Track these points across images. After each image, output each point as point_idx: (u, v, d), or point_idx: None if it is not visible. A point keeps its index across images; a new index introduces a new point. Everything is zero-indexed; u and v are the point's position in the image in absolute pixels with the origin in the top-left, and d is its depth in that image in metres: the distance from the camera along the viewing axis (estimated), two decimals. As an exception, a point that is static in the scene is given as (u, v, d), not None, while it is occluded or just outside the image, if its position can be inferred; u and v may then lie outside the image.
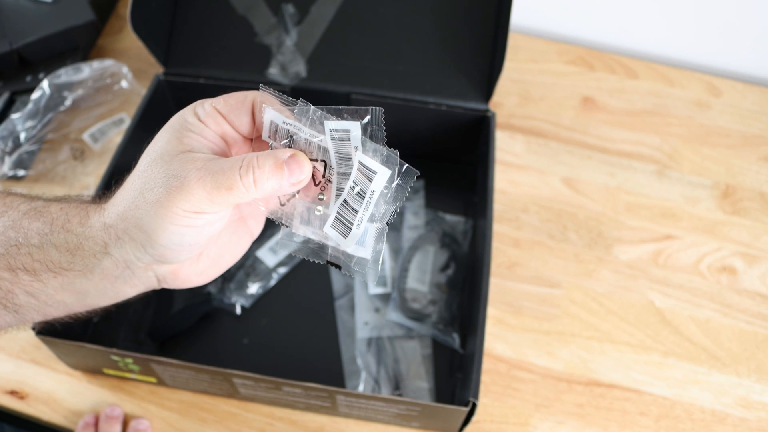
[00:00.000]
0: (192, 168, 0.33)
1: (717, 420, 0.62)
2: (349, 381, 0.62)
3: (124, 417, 0.59)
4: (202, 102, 0.36)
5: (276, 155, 0.34)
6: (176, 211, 0.33)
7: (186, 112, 0.36)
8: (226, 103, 0.36)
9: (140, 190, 0.34)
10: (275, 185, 0.34)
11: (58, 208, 0.37)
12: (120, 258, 0.36)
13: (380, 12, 0.71)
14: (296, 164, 0.34)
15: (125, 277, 0.37)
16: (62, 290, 0.37)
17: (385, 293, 0.67)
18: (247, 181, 0.33)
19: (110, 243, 0.35)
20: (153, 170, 0.34)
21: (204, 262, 0.39)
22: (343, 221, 0.35)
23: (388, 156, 0.33)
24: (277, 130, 0.35)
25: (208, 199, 0.33)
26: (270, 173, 0.33)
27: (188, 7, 0.71)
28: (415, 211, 0.71)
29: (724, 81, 0.85)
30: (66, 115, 0.77)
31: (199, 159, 0.34)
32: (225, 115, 0.36)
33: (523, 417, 0.62)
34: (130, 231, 0.35)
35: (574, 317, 0.67)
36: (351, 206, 0.34)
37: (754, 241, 0.73)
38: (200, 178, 0.33)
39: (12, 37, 0.77)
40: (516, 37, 0.88)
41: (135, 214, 0.34)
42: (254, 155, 0.34)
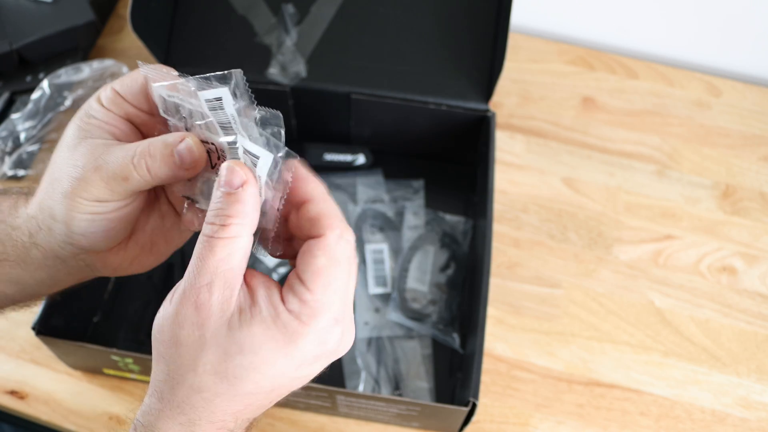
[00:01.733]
0: (90, 157, 0.33)
1: (717, 420, 0.62)
2: (349, 381, 0.62)
3: None
4: (105, 86, 0.36)
5: (166, 141, 0.33)
6: (80, 201, 0.33)
7: (91, 99, 0.36)
8: (122, 84, 0.35)
9: (50, 181, 0.35)
10: (168, 172, 0.33)
11: None
12: (47, 247, 0.36)
13: (380, 12, 0.71)
14: (186, 150, 0.33)
15: (57, 266, 0.37)
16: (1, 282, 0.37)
17: (385, 293, 0.67)
18: (141, 170, 0.33)
19: (34, 233, 0.36)
20: (61, 160, 0.35)
21: (133, 249, 0.38)
22: None
23: (268, 139, 0.33)
24: (166, 105, 0.35)
25: (107, 189, 0.33)
26: (161, 162, 0.33)
27: (188, 7, 0.71)
28: (415, 211, 0.71)
29: (724, 81, 0.85)
30: (66, 116, 0.77)
31: (98, 147, 0.34)
32: (124, 97, 0.35)
33: (523, 417, 0.62)
34: (47, 221, 0.35)
35: (574, 317, 0.67)
36: None
37: (755, 241, 0.73)
38: (97, 168, 0.33)
39: (12, 37, 0.77)
40: (516, 37, 0.88)
41: (48, 204, 0.35)
42: (146, 142, 0.33)
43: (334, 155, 0.75)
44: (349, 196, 0.73)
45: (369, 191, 0.73)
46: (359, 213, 0.71)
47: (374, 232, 0.70)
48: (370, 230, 0.71)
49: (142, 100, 0.36)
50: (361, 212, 0.71)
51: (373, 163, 0.75)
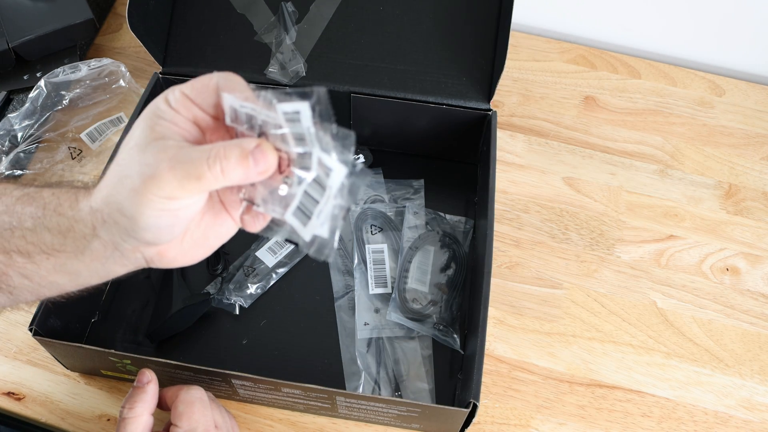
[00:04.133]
0: (164, 157, 0.35)
1: (720, 422, 0.62)
2: (349, 382, 0.62)
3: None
4: (173, 88, 0.37)
5: (242, 145, 0.35)
6: (151, 198, 0.34)
7: (158, 100, 0.37)
8: (192, 88, 0.37)
9: (119, 178, 0.36)
10: (242, 174, 0.35)
11: (50, 193, 0.39)
12: (108, 240, 0.37)
13: (380, 11, 0.70)
14: (261, 154, 0.35)
15: (115, 258, 0.39)
16: (55, 271, 0.39)
17: (385, 293, 0.66)
18: (214, 171, 0.34)
19: (98, 226, 0.37)
20: (130, 159, 0.36)
21: (188, 243, 0.40)
22: (304, 211, 0.36)
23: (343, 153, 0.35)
24: (237, 114, 0.36)
25: (179, 187, 0.34)
26: (236, 163, 0.34)
27: (186, 5, 0.71)
28: (415, 211, 0.70)
29: (727, 80, 0.85)
30: (63, 114, 0.77)
31: (171, 147, 0.35)
32: (193, 100, 0.37)
33: (525, 418, 0.61)
34: (113, 215, 0.36)
35: (576, 318, 0.67)
36: (312, 197, 0.36)
37: (758, 242, 0.72)
38: (171, 167, 0.34)
39: (9, 35, 0.76)
40: (517, 36, 0.88)
41: (116, 199, 0.36)
42: (221, 145, 0.35)
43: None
44: (348, 195, 0.73)
45: (369, 191, 0.73)
46: (359, 213, 0.70)
47: (374, 232, 0.70)
48: (370, 230, 0.70)
49: (210, 105, 0.37)
50: (361, 212, 0.70)
51: (373, 162, 0.75)
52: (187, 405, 0.50)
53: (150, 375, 0.50)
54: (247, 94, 0.36)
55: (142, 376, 0.50)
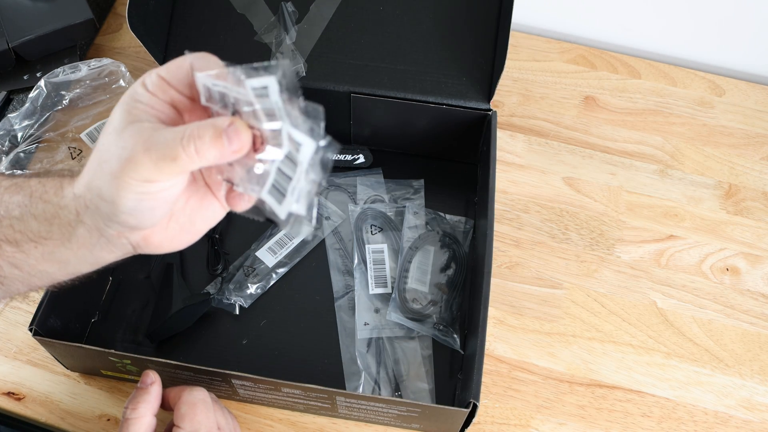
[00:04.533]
0: (139, 140, 0.35)
1: (720, 422, 0.62)
2: (349, 382, 0.62)
3: None
4: (150, 72, 0.38)
5: (215, 124, 0.35)
6: (128, 181, 0.35)
7: (136, 84, 0.37)
8: (168, 71, 0.37)
9: (99, 162, 0.36)
10: (216, 154, 0.35)
11: (36, 181, 0.40)
12: (93, 225, 0.38)
13: (380, 10, 0.70)
14: (235, 133, 0.35)
15: (101, 245, 0.39)
16: (44, 260, 0.40)
17: (385, 293, 0.66)
18: (189, 152, 0.34)
19: (81, 212, 0.38)
20: (108, 143, 0.36)
21: (174, 228, 0.40)
22: (278, 189, 0.36)
23: (312, 128, 0.35)
24: (210, 94, 0.36)
25: (155, 169, 0.34)
26: (210, 143, 0.34)
27: (186, 5, 0.71)
28: (415, 211, 0.70)
29: (727, 80, 0.85)
30: (63, 114, 0.77)
31: (146, 129, 0.35)
32: (169, 82, 0.37)
33: (525, 418, 0.61)
34: (94, 200, 0.37)
35: (576, 318, 0.67)
36: (285, 174, 0.36)
37: (758, 242, 0.72)
38: (146, 149, 0.34)
39: (9, 35, 0.76)
40: (517, 36, 0.88)
41: (96, 184, 0.36)
42: (195, 125, 0.35)
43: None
44: (349, 196, 0.73)
45: (369, 191, 0.73)
46: (359, 213, 0.70)
47: (374, 232, 0.70)
48: (370, 230, 0.70)
49: (186, 86, 0.38)
50: (361, 212, 0.70)
51: (373, 162, 0.75)
52: (189, 406, 0.50)
53: (153, 376, 0.51)
54: (221, 72, 0.36)
55: (146, 377, 0.51)
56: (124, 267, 0.68)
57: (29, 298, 0.66)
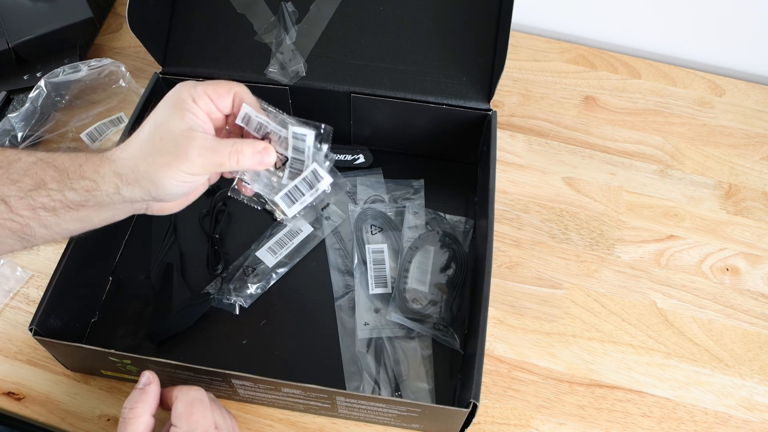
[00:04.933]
0: (194, 145, 0.47)
1: (720, 422, 0.62)
2: (349, 382, 0.62)
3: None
4: (194, 85, 0.49)
5: (255, 146, 0.49)
6: (180, 173, 0.46)
7: (182, 93, 0.48)
8: (215, 90, 0.49)
9: (151, 154, 0.46)
10: (251, 166, 0.49)
11: (66, 158, 0.48)
12: (127, 196, 0.47)
13: (380, 10, 0.70)
14: (267, 155, 0.49)
15: (124, 209, 0.50)
16: (73, 221, 0.48)
17: (385, 293, 0.66)
18: (233, 161, 0.48)
19: (122, 186, 0.47)
20: (161, 141, 0.47)
21: (180, 199, 0.53)
22: (291, 198, 0.53)
23: (331, 169, 0.52)
24: (249, 120, 0.51)
25: (202, 169, 0.47)
26: (249, 158, 0.48)
27: (186, 5, 0.71)
28: (415, 211, 0.70)
29: (727, 80, 0.85)
30: (63, 114, 0.77)
31: (199, 138, 0.47)
32: (213, 99, 0.49)
33: (525, 418, 0.61)
34: (140, 181, 0.47)
35: (576, 318, 0.67)
36: (300, 190, 0.52)
37: (758, 242, 0.72)
38: (200, 154, 0.47)
39: (9, 35, 0.76)
40: (517, 36, 0.88)
41: (147, 170, 0.46)
42: (240, 143, 0.48)
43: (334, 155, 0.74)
44: (349, 196, 0.73)
45: (369, 191, 0.73)
46: (359, 213, 0.70)
47: (374, 232, 0.70)
48: (370, 230, 0.70)
49: (226, 105, 0.50)
50: (361, 212, 0.70)
51: (373, 162, 0.75)
52: (186, 405, 0.50)
53: (151, 376, 0.51)
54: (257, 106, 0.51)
55: (144, 377, 0.51)
56: (124, 267, 0.68)
57: (29, 298, 0.66)
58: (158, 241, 0.69)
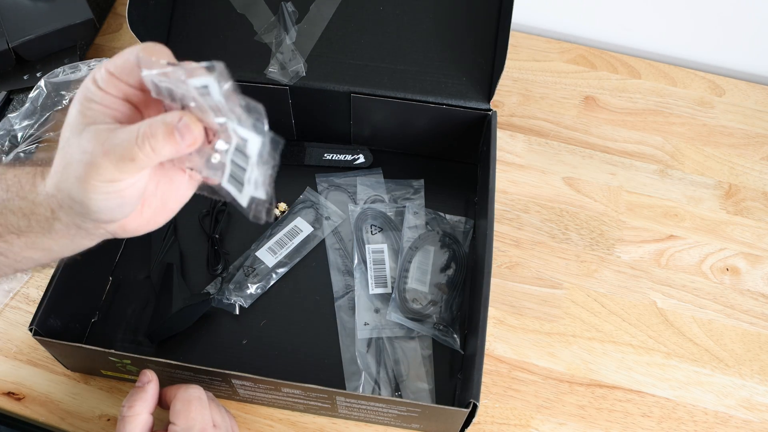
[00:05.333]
0: (98, 143, 0.36)
1: (720, 422, 0.62)
2: (349, 382, 0.62)
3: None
4: (99, 67, 0.38)
5: (166, 121, 0.35)
6: (94, 184, 0.36)
7: (87, 81, 0.38)
8: (116, 66, 0.37)
9: (64, 165, 0.37)
10: (172, 149, 0.36)
11: (12, 174, 0.41)
12: (68, 221, 0.39)
13: (380, 11, 0.70)
14: (186, 128, 0.35)
15: (81, 235, 0.41)
16: (27, 248, 0.41)
17: (385, 293, 0.66)
18: (146, 151, 0.35)
19: (55, 209, 0.39)
20: (69, 145, 0.37)
21: (148, 212, 0.41)
22: (236, 178, 0.38)
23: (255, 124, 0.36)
24: (159, 89, 0.37)
25: (117, 171, 0.35)
26: (163, 140, 0.35)
27: (187, 5, 0.71)
28: (415, 211, 0.70)
29: (727, 80, 0.85)
30: (63, 114, 0.76)
31: (103, 132, 0.36)
32: (119, 77, 0.37)
33: (525, 418, 0.61)
34: (66, 201, 0.38)
35: (576, 318, 0.67)
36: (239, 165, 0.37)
37: (758, 242, 0.72)
38: (105, 153, 0.35)
39: (9, 35, 0.76)
40: (517, 36, 0.88)
41: (65, 186, 0.37)
42: (147, 123, 0.35)
43: (333, 155, 0.75)
44: (349, 196, 0.73)
45: (369, 191, 0.73)
46: (359, 213, 0.70)
47: (374, 232, 0.70)
48: (370, 230, 0.70)
49: (136, 80, 0.37)
50: (361, 212, 0.70)
51: (373, 162, 0.75)
52: (184, 403, 0.50)
53: (150, 375, 0.51)
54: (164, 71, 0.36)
55: (143, 376, 0.51)
56: (124, 267, 0.68)
57: (29, 298, 0.66)
58: (158, 241, 0.69)
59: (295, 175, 0.73)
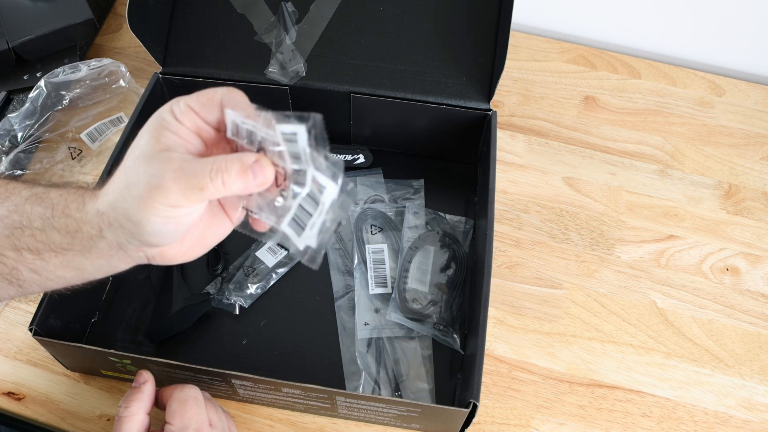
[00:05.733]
0: (169, 168, 0.37)
1: (720, 422, 0.62)
2: (349, 382, 0.62)
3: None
4: (177, 100, 0.40)
5: (242, 160, 0.37)
6: (156, 206, 0.37)
7: (164, 111, 0.39)
8: (197, 101, 0.39)
9: (126, 185, 0.38)
10: (241, 186, 0.37)
11: (57, 194, 0.42)
12: (113, 240, 0.40)
13: (380, 10, 0.70)
14: (260, 169, 0.37)
15: (119, 257, 0.41)
16: (62, 267, 0.42)
17: (385, 293, 0.66)
18: (216, 183, 0.37)
19: (104, 228, 0.40)
20: (136, 167, 0.38)
21: (188, 243, 0.43)
22: (298, 222, 0.39)
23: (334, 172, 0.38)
24: (238, 129, 0.39)
25: (183, 197, 0.37)
26: (236, 176, 0.37)
27: (186, 5, 0.71)
28: (415, 211, 0.70)
29: (727, 80, 0.85)
30: (63, 115, 0.77)
31: (175, 159, 0.37)
32: (197, 112, 0.39)
33: (525, 418, 0.61)
34: (119, 219, 0.39)
35: (576, 318, 0.67)
36: (306, 210, 0.39)
37: (758, 242, 0.72)
38: (176, 178, 0.37)
39: (9, 35, 0.76)
40: (517, 36, 0.88)
41: (122, 206, 0.38)
42: (223, 159, 0.37)
43: (335, 155, 0.74)
44: (348, 195, 0.73)
45: (369, 191, 0.73)
46: (359, 213, 0.70)
47: (374, 232, 0.70)
48: (370, 230, 0.70)
49: (213, 118, 0.40)
50: (361, 212, 0.70)
51: (373, 162, 0.75)
52: (180, 403, 0.51)
53: (147, 375, 0.51)
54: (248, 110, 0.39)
55: (139, 376, 0.51)
56: (124, 267, 0.68)
57: (29, 298, 0.66)
58: (158, 241, 0.69)
59: (295, 175, 0.73)
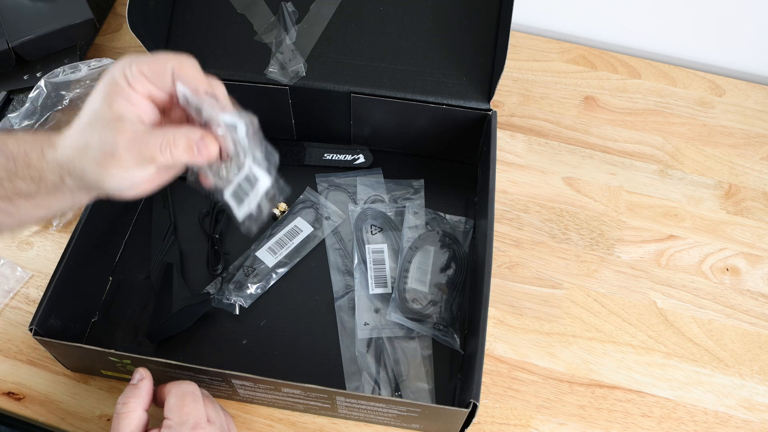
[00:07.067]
0: (122, 139, 0.41)
1: (720, 422, 0.62)
2: (349, 382, 0.62)
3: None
4: (130, 63, 0.42)
5: (189, 136, 0.42)
6: (111, 170, 0.42)
7: (117, 72, 0.42)
8: (150, 69, 0.42)
9: (83, 146, 0.42)
10: (188, 159, 0.42)
11: (14, 143, 0.45)
12: (75, 186, 0.44)
13: (380, 10, 0.70)
14: (204, 146, 0.42)
15: (82, 196, 0.46)
16: (33, 208, 0.46)
17: (385, 293, 0.66)
18: (165, 155, 0.42)
19: (65, 177, 0.44)
20: (92, 130, 0.42)
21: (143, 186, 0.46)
22: (238, 197, 0.46)
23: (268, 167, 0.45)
24: (188, 102, 0.43)
25: (135, 164, 0.42)
26: (183, 151, 0.42)
27: (186, 5, 0.71)
28: (415, 211, 0.70)
29: (727, 80, 0.85)
30: (64, 114, 0.77)
31: (127, 131, 0.41)
32: (149, 79, 0.43)
33: (525, 418, 0.61)
34: (78, 173, 0.43)
35: (576, 318, 0.67)
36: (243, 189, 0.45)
37: (758, 242, 0.72)
38: (128, 148, 0.41)
39: (9, 35, 0.76)
40: (517, 36, 0.88)
41: (80, 165, 0.43)
42: (172, 133, 0.42)
43: (333, 155, 0.75)
44: (349, 196, 0.73)
45: (369, 191, 0.73)
46: (359, 213, 0.70)
47: (374, 232, 0.70)
48: (370, 230, 0.70)
49: (164, 86, 0.43)
50: (361, 212, 0.70)
51: (373, 162, 0.75)
52: (178, 398, 0.51)
53: (144, 372, 0.52)
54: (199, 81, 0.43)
55: (136, 373, 0.52)
56: (124, 267, 0.68)
57: (29, 298, 0.66)
58: (158, 241, 0.69)
59: (295, 175, 0.73)
